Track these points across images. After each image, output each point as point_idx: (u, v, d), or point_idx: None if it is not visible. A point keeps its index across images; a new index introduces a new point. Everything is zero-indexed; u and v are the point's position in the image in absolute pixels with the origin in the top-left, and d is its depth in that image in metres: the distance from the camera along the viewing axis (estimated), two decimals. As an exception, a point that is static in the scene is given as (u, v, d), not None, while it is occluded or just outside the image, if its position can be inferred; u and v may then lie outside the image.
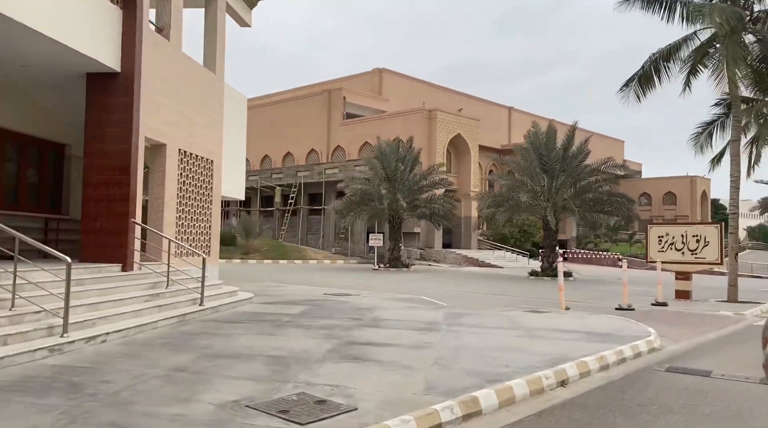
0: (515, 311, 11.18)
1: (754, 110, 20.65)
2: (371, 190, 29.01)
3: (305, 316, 9.46)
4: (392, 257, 30.23)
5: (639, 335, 8.89)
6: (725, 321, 12.68)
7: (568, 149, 25.26)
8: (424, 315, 10.07)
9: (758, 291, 21.46)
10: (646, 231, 17.12)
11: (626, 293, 13.83)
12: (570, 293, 18.42)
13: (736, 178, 16.81)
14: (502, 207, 25.18)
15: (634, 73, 18.42)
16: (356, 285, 19.14)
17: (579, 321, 10.09)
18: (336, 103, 46.51)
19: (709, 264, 16.07)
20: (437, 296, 15.90)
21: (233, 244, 36.72)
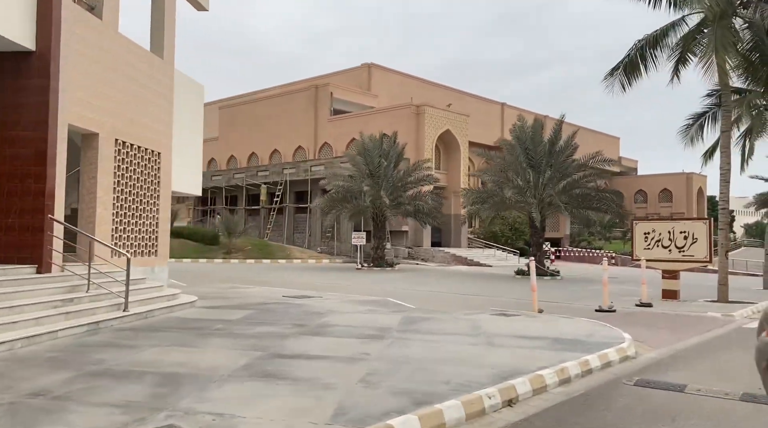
0: (483, 314, 10.29)
1: (746, 101, 19.78)
2: (354, 187, 28.11)
3: (243, 323, 8.55)
4: (376, 256, 29.33)
5: (611, 341, 8.00)
6: (712, 323, 11.81)
7: (555, 143, 24.38)
8: (379, 320, 9.17)
9: (751, 290, 20.60)
10: (632, 227, 16.24)
11: (606, 293, 12.95)
12: (553, 293, 17.61)
13: (727, 171, 15.92)
14: (487, 203, 24.27)
15: (620, 61, 17.52)
16: (327, 285, 18.25)
17: (548, 325, 9.20)
18: (323, 99, 45.56)
19: (698, 263, 15.20)
20: (409, 297, 15.01)
21: (216, 244, 35.84)
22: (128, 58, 10.69)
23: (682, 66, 18.06)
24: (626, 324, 10.92)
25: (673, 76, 17.99)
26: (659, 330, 10.56)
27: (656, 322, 11.50)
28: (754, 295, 17.93)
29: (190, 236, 36.73)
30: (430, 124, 40.63)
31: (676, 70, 17.91)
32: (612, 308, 12.70)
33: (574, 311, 12.80)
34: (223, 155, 52.59)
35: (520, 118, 25.29)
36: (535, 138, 24.11)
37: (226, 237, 34.95)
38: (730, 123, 16.19)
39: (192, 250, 35.54)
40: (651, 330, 10.40)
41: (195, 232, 36.71)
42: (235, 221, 35.23)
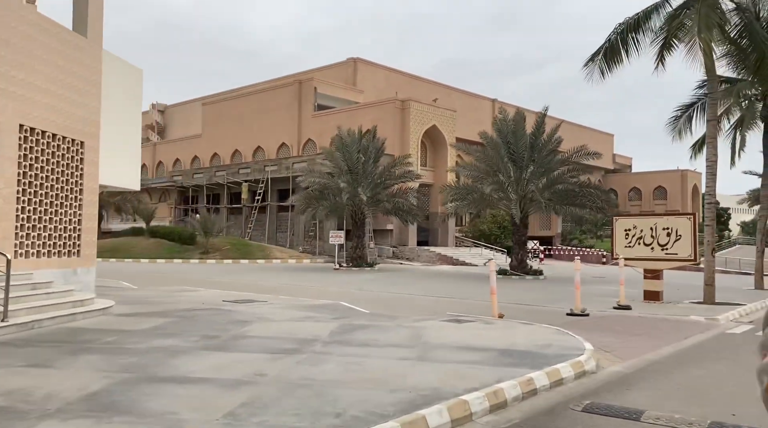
0: (434, 320, 9.18)
1: (736, 90, 18.72)
2: (331, 184, 26.98)
3: (145, 334, 7.44)
4: (355, 256, 28.20)
5: (568, 354, 6.90)
6: (693, 328, 10.73)
7: (537, 137, 23.28)
8: (309, 330, 8.06)
9: (741, 290, 19.53)
10: (612, 223, 15.15)
11: (579, 296, 11.86)
12: (529, 294, 16.49)
13: (713, 163, 14.84)
14: (466, 200, 23.16)
15: (600, 46, 16.43)
16: (290, 287, 17.16)
17: (503, 333, 8.10)
18: (307, 95, 44.41)
19: (682, 261, 14.11)
20: (370, 300, 13.91)
21: (193, 243, 34.70)
22: (41, 37, 9.56)
23: (668, 52, 16.98)
24: (596, 331, 9.85)
25: (658, 63, 16.88)
26: (632, 337, 9.48)
27: (631, 327, 10.41)
28: (744, 296, 16.87)
29: (166, 236, 35.57)
30: (415, 120, 39.51)
31: (661, 57, 16.82)
32: (585, 312, 11.61)
33: (545, 315, 11.72)
34: (206, 152, 51.42)
35: (502, 110, 24.19)
36: (516, 131, 23.00)
37: (203, 236, 33.78)
38: (716, 111, 15.11)
39: (167, 250, 34.39)
40: (623, 338, 9.32)
41: (171, 232, 35.55)
42: (212, 220, 34.07)
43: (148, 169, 57.36)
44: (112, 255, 34.20)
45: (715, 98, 14.98)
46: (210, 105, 51.85)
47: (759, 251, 19.95)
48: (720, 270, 35.12)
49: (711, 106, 14.95)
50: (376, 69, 48.52)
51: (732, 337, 9.89)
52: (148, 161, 57.43)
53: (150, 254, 34.08)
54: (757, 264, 19.91)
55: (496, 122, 23.64)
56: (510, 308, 12.86)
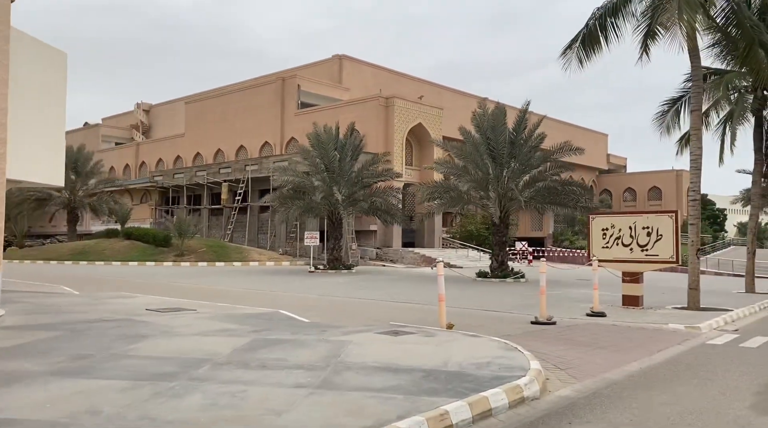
0: (370, 332, 8.00)
1: (724, 82, 17.60)
2: (306, 182, 25.81)
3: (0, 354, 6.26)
4: (332, 258, 27.03)
5: (508, 375, 5.74)
6: (670, 338, 9.57)
7: (518, 133, 22.13)
8: (211, 347, 6.88)
9: (731, 293, 18.39)
10: (588, 222, 13.99)
11: (544, 303, 10.69)
12: (502, 299, 15.25)
13: (698, 157, 13.70)
14: (442, 198, 21.98)
15: (578, 32, 15.29)
16: (241, 293, 16.02)
17: (440, 349, 6.93)
18: (290, 92, 43.26)
19: (663, 263, 12.95)
20: (319, 307, 12.76)
21: (167, 245, 33.52)
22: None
23: (652, 41, 15.85)
24: (558, 342, 8.69)
25: (642, 52, 15.75)
26: (598, 350, 8.31)
27: (599, 339, 9.25)
28: (733, 300, 15.71)
29: (141, 237, 34.40)
30: (400, 117, 38.38)
31: (645, 46, 15.69)
32: (551, 320, 10.45)
33: (507, 323, 10.56)
34: (189, 152, 50.24)
35: (481, 104, 23.03)
36: (496, 127, 21.85)
37: (178, 238, 32.59)
38: (701, 100, 13.96)
39: (141, 253, 33.22)
40: (586, 351, 8.16)
41: (146, 233, 34.35)
42: (187, 221, 32.86)
43: (130, 169, 56.19)
44: (83, 258, 33.03)
45: (700, 86, 13.84)
46: (193, 104, 50.70)
47: (750, 252, 18.80)
48: (712, 272, 34.04)
49: (695, 94, 13.80)
50: (362, 66, 47.41)
51: (712, 349, 8.73)
52: (131, 161, 56.29)
53: (123, 256, 32.89)
54: (748, 267, 18.76)
55: (475, 117, 22.47)
56: (472, 315, 11.71)
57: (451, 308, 13.02)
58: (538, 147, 22.47)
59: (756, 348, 8.80)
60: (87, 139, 60.35)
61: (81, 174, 39.32)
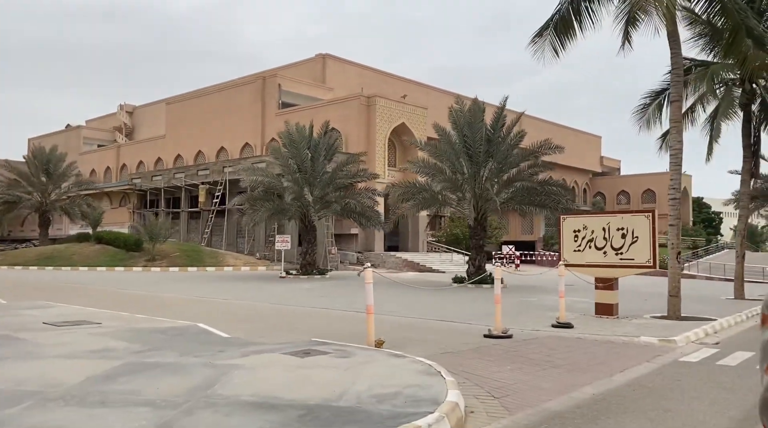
0: (275, 353, 6.77)
1: (710, 73, 16.46)
2: (275, 183, 24.61)
3: None
4: (305, 262, 25.78)
5: (413, 412, 4.53)
6: (639, 354, 8.37)
7: (496, 130, 20.97)
8: (62, 374, 5.66)
9: (719, 300, 17.18)
10: (559, 223, 12.80)
11: (499, 314, 9.47)
12: (465, 308, 13.89)
13: (678, 151, 12.54)
14: (415, 199, 20.78)
15: (549, 18, 14.15)
16: (187, 302, 14.84)
17: (346, 374, 5.71)
18: (271, 92, 42.09)
19: (639, 268, 11.76)
20: (256, 318, 11.57)
21: (139, 250, 32.26)
22: None
23: (633, 28, 14.73)
24: (505, 361, 7.48)
25: (624, 40, 14.62)
26: (550, 370, 7.11)
27: (556, 355, 8.04)
28: (719, 308, 14.51)
29: (112, 242, 33.14)
30: (382, 117, 37.23)
31: (626, 33, 14.56)
32: (507, 333, 9.24)
33: (457, 336, 9.36)
34: (170, 154, 49.01)
35: (458, 100, 21.87)
36: (472, 124, 20.68)
37: (149, 242, 31.33)
38: (681, 90, 12.80)
39: (111, 258, 31.94)
40: (536, 372, 6.95)
41: (116, 238, 33.08)
42: (158, 225, 31.60)
43: (111, 172, 54.92)
44: (49, 263, 31.74)
45: (680, 74, 12.67)
46: (173, 104, 49.52)
47: (739, 256, 17.62)
48: (704, 276, 32.89)
49: (675, 83, 12.64)
50: (346, 66, 46.26)
51: (684, 368, 7.53)
52: (112, 164, 55.04)
53: (91, 262, 31.62)
54: (737, 271, 17.57)
55: (451, 113, 21.31)
56: (423, 327, 10.51)
57: (405, 318, 11.86)
58: (517, 145, 21.32)
59: (734, 367, 7.60)
60: (68, 141, 59.11)
61: (53, 176, 38.04)
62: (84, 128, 62.01)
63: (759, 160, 18.37)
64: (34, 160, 38.02)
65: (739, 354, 8.46)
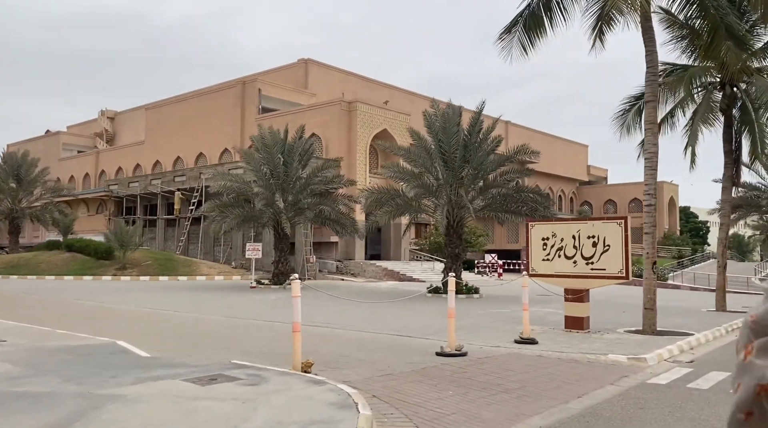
0: (174, 380, 5.87)
1: (688, 76, 15.83)
2: (246, 189, 23.71)
3: None
4: (277, 272, 24.83)
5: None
6: (604, 376, 7.56)
7: (472, 135, 20.24)
8: None
9: (700, 312, 16.44)
10: (527, 230, 12.01)
11: (452, 330, 8.62)
12: (431, 320, 13.11)
13: (653, 154, 11.82)
14: (387, 205, 19.95)
15: (518, 13, 13.44)
16: (138, 313, 13.90)
17: (241, 409, 4.84)
18: (251, 97, 41.25)
19: (611, 279, 10.98)
20: (198, 333, 10.68)
21: (110, 258, 31.16)
22: None
23: (607, 26, 14.07)
24: (448, 386, 6.62)
25: (596, 39, 13.95)
26: (498, 396, 6.27)
27: (510, 378, 7.20)
28: (699, 321, 13.75)
29: (83, 250, 32.03)
30: (363, 123, 36.46)
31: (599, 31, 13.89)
32: (461, 350, 8.39)
33: (407, 354, 8.51)
34: (148, 160, 47.98)
35: (434, 103, 21.14)
36: (447, 128, 19.94)
37: (120, 250, 30.27)
38: (656, 89, 12.10)
39: (80, 266, 30.84)
40: (480, 400, 6.10)
41: (87, 245, 31.98)
42: (129, 232, 30.56)
43: (90, 179, 53.74)
44: (15, 271, 30.59)
45: (655, 73, 11.97)
46: (153, 110, 48.56)
47: (720, 266, 16.90)
48: (688, 286, 32.23)
49: (650, 82, 11.93)
50: (329, 71, 45.56)
51: (650, 393, 6.72)
52: (91, 170, 53.87)
53: (59, 270, 30.51)
54: (719, 282, 16.83)
55: (426, 117, 20.56)
56: (372, 343, 9.66)
57: (360, 333, 10.99)
58: (493, 151, 20.59)
59: (706, 391, 6.80)
60: (47, 147, 57.90)
61: (23, 182, 36.91)
62: (65, 134, 60.82)
63: (740, 167, 17.72)
64: (4, 166, 36.90)
65: (713, 376, 7.67)
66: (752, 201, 27.79)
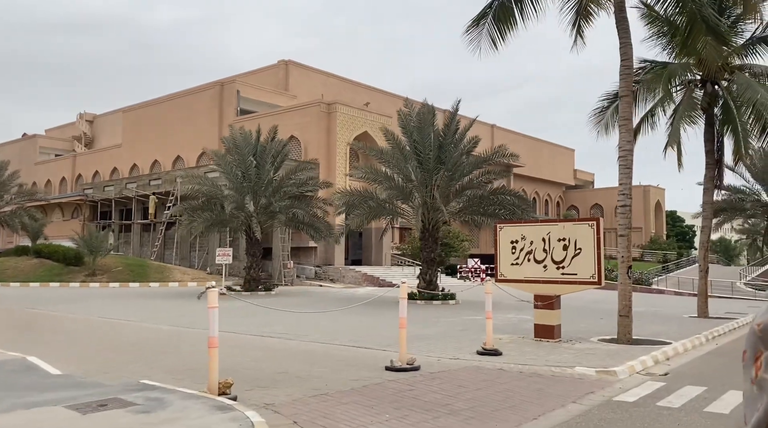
0: (54, 408, 5.03)
1: (667, 74, 15.23)
2: (216, 192, 22.84)
3: None
4: (249, 278, 23.96)
5: None
6: (567, 392, 6.81)
7: (447, 136, 19.56)
8: None
9: (681, 318, 15.78)
10: (495, 233, 11.28)
11: (404, 341, 7.82)
12: (393, 330, 12.28)
13: (627, 152, 11.16)
14: (358, 209, 19.17)
15: (487, 4, 12.77)
16: (70, 327, 12.98)
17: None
18: (229, 99, 40.38)
19: (582, 284, 10.26)
20: (131, 346, 9.83)
21: (79, 264, 30.07)
22: None
23: (585, 21, 13.47)
24: (385, 408, 5.81)
25: (576, 35, 13.34)
26: (440, 420, 5.48)
27: (461, 396, 6.42)
28: (679, 328, 13.07)
29: (51, 255, 30.91)
30: (343, 125, 35.69)
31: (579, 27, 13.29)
32: (412, 364, 7.61)
33: (354, 369, 7.71)
34: (126, 164, 46.87)
35: (407, 103, 20.45)
36: (422, 127, 19.24)
37: (89, 256, 29.20)
38: (630, 82, 11.44)
39: (48, 272, 29.73)
40: (418, 424, 5.32)
41: (55, 251, 30.88)
42: (99, 237, 29.52)
43: (67, 182, 52.48)
44: (-22, 278, 29.38)
45: (629, 65, 11.31)
46: (130, 113, 47.52)
47: (702, 270, 16.27)
48: (672, 291, 31.68)
49: (624, 76, 11.27)
50: (310, 73, 44.80)
51: (618, 412, 5.98)
52: (68, 174, 52.61)
53: (26, 277, 29.38)
54: (700, 287, 16.20)
55: (400, 117, 19.85)
56: (323, 355, 8.88)
57: (310, 344, 10.14)
58: (470, 152, 19.91)
59: (677, 410, 6.07)
60: (23, 151, 56.59)
61: (-10, 185, 35.73)
62: (42, 138, 59.48)
63: (723, 167, 17.14)
64: (-29, 170, 35.74)
65: (687, 391, 6.95)
66: (736, 204, 27.29)
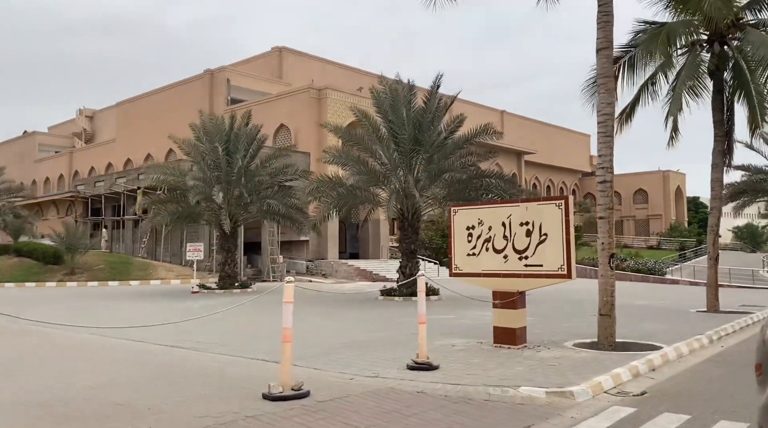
0: None
1: (664, 32, 13.10)
2: (182, 183, 21.29)
3: None
4: (224, 274, 22.40)
5: None
6: (497, 424, 5.00)
7: (426, 115, 17.68)
8: None
9: (687, 313, 13.72)
10: (449, 217, 9.42)
11: (287, 361, 6.03)
12: (357, 333, 10.48)
13: (607, 117, 9.18)
14: (329, 196, 17.39)
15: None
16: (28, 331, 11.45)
17: None
18: (219, 87, 38.92)
19: (549, 278, 8.35)
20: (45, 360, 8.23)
21: (59, 262, 28.89)
22: None
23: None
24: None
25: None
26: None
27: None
28: (680, 326, 11.03)
29: (30, 254, 29.81)
30: (334, 111, 33.94)
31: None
32: (299, 389, 5.81)
33: (225, 395, 5.96)
34: (119, 158, 45.85)
35: (382, 80, 18.61)
36: (396, 107, 17.38)
37: (67, 254, 28.00)
38: (611, 31, 9.40)
39: (26, 271, 28.60)
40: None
41: (35, 249, 29.76)
42: (77, 234, 28.29)
43: (64, 180, 51.72)
44: (-50, 278, 28.36)
45: (609, 11, 9.28)
46: (124, 106, 46.42)
47: (711, 258, 14.14)
48: (687, 281, 29.31)
49: (603, 23, 9.24)
50: (305, 59, 43.14)
51: None
52: (65, 171, 51.86)
53: (2, 277, 28.27)
54: (710, 278, 14.06)
55: (373, 95, 18.02)
56: (207, 368, 7.13)
57: (219, 356, 8.34)
58: (453, 132, 18.01)
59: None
60: (23, 148, 56.09)
61: (-24, 184, 34.86)
62: (41, 135, 58.92)
63: (733, 140, 14.95)
64: (-45, 168, 34.91)
65: (662, 422, 5.08)
66: (757, 184, 24.86)
